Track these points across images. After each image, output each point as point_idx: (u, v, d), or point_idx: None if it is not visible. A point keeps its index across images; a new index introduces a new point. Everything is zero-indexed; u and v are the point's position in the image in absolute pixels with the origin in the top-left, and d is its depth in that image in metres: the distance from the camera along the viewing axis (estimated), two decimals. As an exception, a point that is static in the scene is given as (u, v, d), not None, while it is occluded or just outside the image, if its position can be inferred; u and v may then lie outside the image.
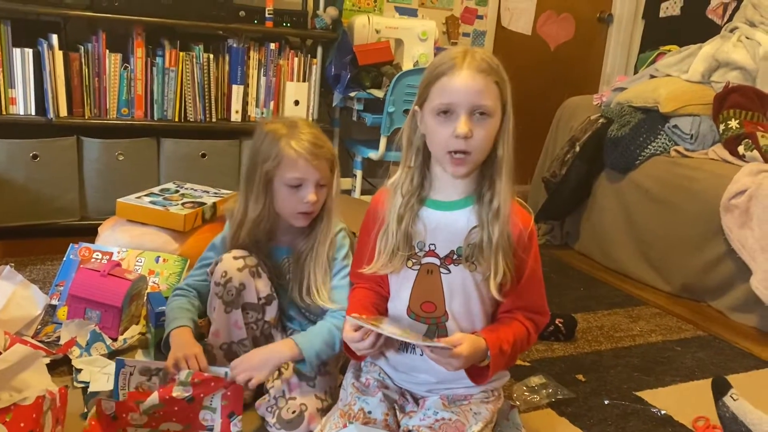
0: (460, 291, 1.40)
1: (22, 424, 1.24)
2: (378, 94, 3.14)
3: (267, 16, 3.00)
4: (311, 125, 1.63)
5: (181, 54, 2.85)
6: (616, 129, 3.08)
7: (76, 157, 2.77)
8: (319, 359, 1.54)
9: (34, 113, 2.68)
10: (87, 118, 2.77)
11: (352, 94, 3.17)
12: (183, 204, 2.30)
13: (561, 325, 2.27)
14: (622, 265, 3.05)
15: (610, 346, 2.28)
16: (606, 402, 1.89)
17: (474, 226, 1.37)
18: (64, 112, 2.71)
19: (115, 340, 1.87)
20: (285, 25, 3.08)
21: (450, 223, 1.39)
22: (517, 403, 1.78)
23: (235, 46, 2.98)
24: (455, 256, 1.39)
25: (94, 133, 2.79)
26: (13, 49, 2.60)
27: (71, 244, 2.18)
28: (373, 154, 3.19)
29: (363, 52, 3.17)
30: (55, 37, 2.64)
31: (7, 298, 1.87)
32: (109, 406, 1.43)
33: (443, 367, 1.32)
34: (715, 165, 2.80)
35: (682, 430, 1.78)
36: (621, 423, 1.79)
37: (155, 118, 2.89)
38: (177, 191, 2.44)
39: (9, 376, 1.30)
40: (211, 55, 2.92)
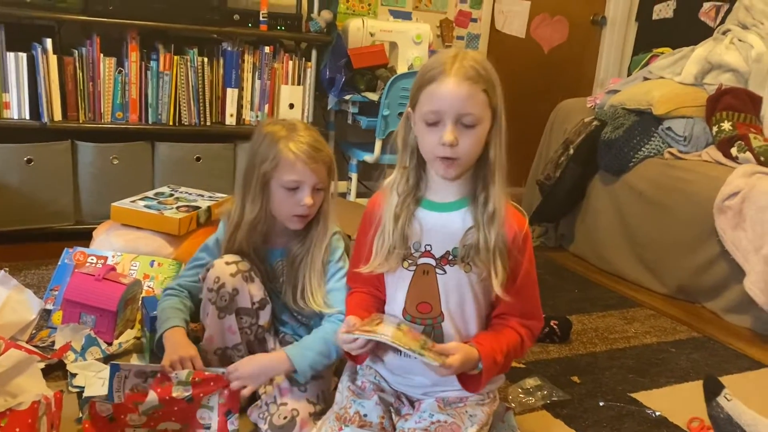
0: (455, 291, 1.40)
1: (17, 429, 1.24)
2: (373, 97, 3.15)
3: (261, 19, 3.01)
4: (310, 128, 1.63)
5: (175, 58, 2.85)
6: (610, 131, 3.09)
7: (71, 161, 2.76)
8: (313, 370, 1.54)
9: (28, 117, 2.68)
10: (81, 122, 2.77)
11: (347, 98, 3.18)
12: (178, 208, 2.29)
13: (556, 327, 2.27)
14: (616, 267, 3.06)
15: (605, 348, 2.28)
16: (601, 404, 1.89)
17: (470, 228, 1.37)
18: (58, 116, 2.71)
19: (110, 344, 1.86)
20: (279, 28, 3.09)
21: (446, 224, 1.40)
22: (513, 405, 1.78)
23: (229, 49, 2.98)
24: (451, 257, 1.39)
25: (88, 137, 2.79)
26: (7, 53, 2.60)
27: (66, 249, 2.17)
28: (368, 157, 3.19)
29: (357, 55, 3.18)
30: (49, 41, 2.64)
31: (1, 303, 1.86)
32: (105, 408, 1.43)
33: (433, 372, 1.33)
34: (709, 167, 2.81)
35: (677, 431, 1.78)
36: (616, 424, 1.79)
37: (150, 122, 2.89)
38: (172, 195, 2.44)
39: (4, 381, 1.30)
40: (206, 59, 2.92)
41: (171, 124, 2.92)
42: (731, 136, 2.83)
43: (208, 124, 3.00)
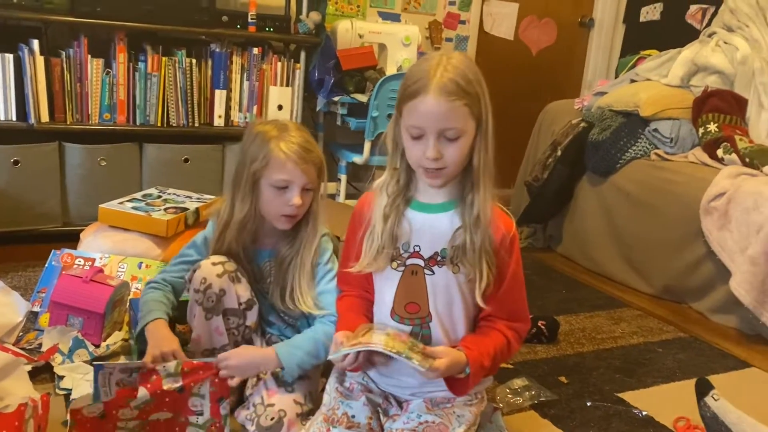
0: (443, 292, 1.41)
1: (3, 431, 1.24)
2: (362, 98, 3.15)
3: (250, 20, 3.00)
4: (301, 129, 1.63)
5: (163, 59, 2.85)
6: (597, 133, 3.11)
7: (58, 163, 2.75)
8: (301, 369, 1.55)
9: (15, 119, 2.66)
10: (69, 123, 2.76)
11: (336, 99, 3.18)
12: (166, 209, 2.29)
13: (543, 327, 2.28)
14: (604, 268, 3.08)
15: (593, 348, 2.30)
16: (588, 404, 1.90)
17: (458, 228, 1.38)
18: (45, 117, 2.69)
19: (97, 346, 1.85)
20: (268, 29, 3.08)
21: (434, 225, 1.40)
22: (500, 405, 1.79)
23: (217, 50, 2.98)
24: (439, 258, 1.40)
25: (76, 138, 2.77)
26: (-6, 54, 2.59)
27: (53, 250, 2.16)
28: (357, 159, 3.19)
29: (346, 56, 3.18)
30: (36, 43, 2.62)
31: (-12, 306, 1.85)
32: (95, 408, 1.43)
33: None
34: (695, 168, 2.83)
35: (664, 431, 1.80)
36: (603, 424, 1.80)
37: (137, 124, 2.88)
38: (159, 197, 2.43)
39: (-10, 384, 1.30)
40: (194, 60, 2.92)
41: (159, 125, 2.91)
42: (717, 137, 2.85)
43: (197, 125, 2.99)
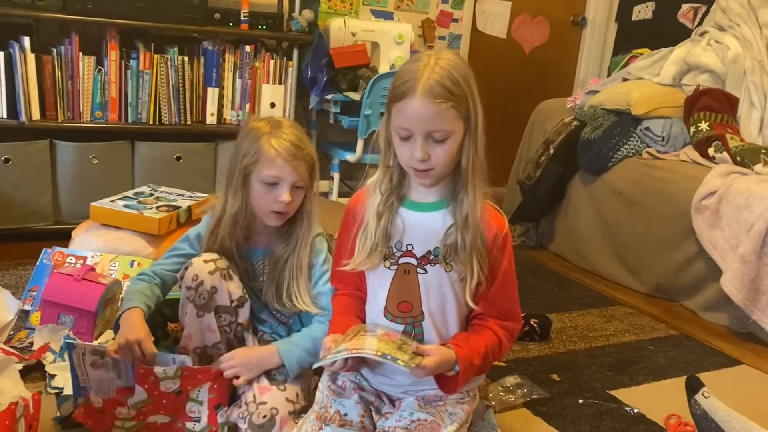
0: (436, 290, 1.41)
1: (-6, 430, 1.23)
2: (355, 96, 3.15)
3: (242, 18, 3.00)
4: (295, 127, 1.63)
5: (155, 56, 2.84)
6: (589, 131, 3.12)
7: (49, 161, 2.74)
8: (300, 367, 1.56)
9: (5, 116, 2.65)
10: (60, 121, 2.74)
11: (329, 97, 3.18)
12: (158, 207, 2.28)
13: (536, 325, 2.29)
14: (596, 266, 3.09)
15: (585, 346, 2.31)
16: (580, 401, 1.91)
17: (450, 226, 1.38)
18: (36, 115, 2.68)
19: (89, 345, 1.85)
20: (260, 27, 3.08)
21: (427, 224, 1.40)
22: (493, 403, 1.79)
23: (210, 48, 2.97)
24: (432, 257, 1.40)
25: (67, 136, 2.76)
26: (-16, 51, 2.58)
27: (44, 249, 2.15)
28: (350, 157, 3.19)
29: (339, 54, 3.18)
30: (27, 40, 2.61)
31: (-22, 304, 1.84)
32: (97, 399, 1.45)
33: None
34: (686, 167, 2.85)
35: (655, 428, 1.81)
36: (595, 422, 1.81)
37: (129, 121, 2.87)
38: (151, 195, 2.43)
39: (-19, 383, 1.29)
40: (186, 58, 2.91)
41: (151, 123, 2.90)
42: (708, 136, 2.86)
43: (189, 123, 2.98)
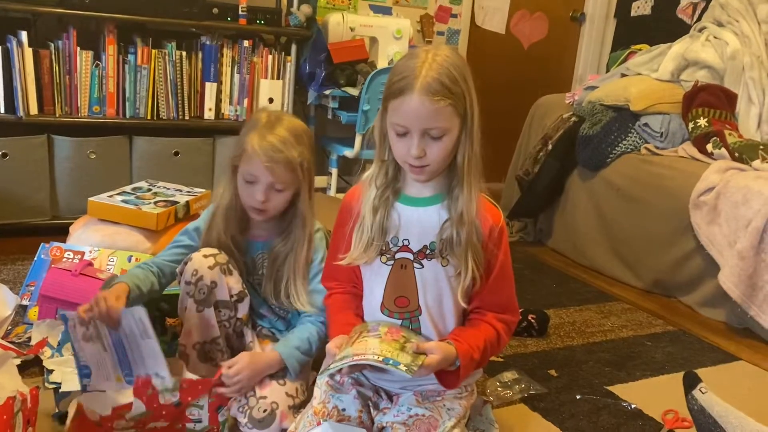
0: (433, 285, 1.41)
1: (-8, 425, 1.23)
2: (353, 92, 3.15)
3: (240, 13, 2.99)
4: (291, 126, 1.59)
5: (153, 51, 2.83)
6: (588, 127, 3.12)
7: (47, 156, 2.73)
8: (300, 367, 1.57)
9: (3, 111, 2.64)
10: (58, 116, 2.74)
11: (327, 92, 3.17)
12: (155, 203, 2.28)
13: (533, 320, 2.29)
14: (594, 262, 3.09)
15: (582, 342, 2.31)
16: (578, 397, 1.91)
17: (446, 220, 1.38)
18: (34, 110, 2.68)
19: (87, 340, 1.85)
20: (259, 22, 3.07)
21: (423, 219, 1.40)
22: (491, 398, 1.80)
23: (208, 43, 2.96)
24: (428, 251, 1.40)
25: (65, 131, 2.76)
26: (-19, 46, 2.57)
27: (42, 244, 2.15)
28: (348, 152, 3.19)
29: (337, 50, 3.18)
30: (24, 34, 2.60)
31: (-24, 299, 1.84)
32: (93, 413, 1.43)
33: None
34: (685, 162, 2.85)
35: (652, 423, 1.81)
36: (593, 417, 1.81)
37: (127, 116, 2.87)
38: (149, 190, 2.42)
39: (-22, 378, 1.29)
40: (184, 53, 2.90)
41: (149, 118, 2.90)
42: (707, 132, 2.86)
43: (187, 118, 2.98)
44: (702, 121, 2.91)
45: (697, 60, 3.14)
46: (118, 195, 2.31)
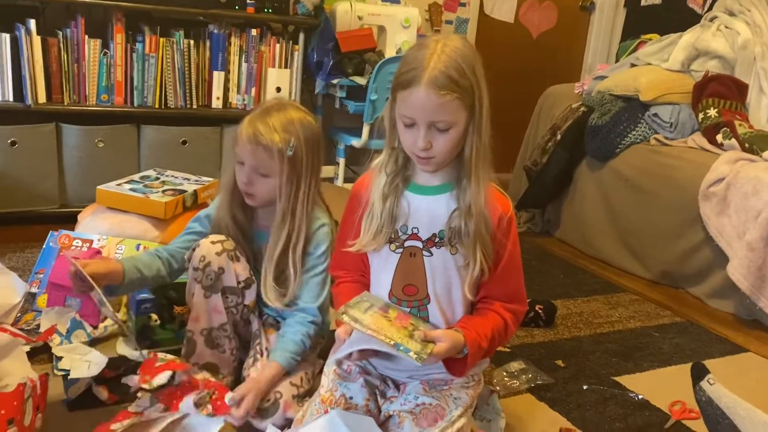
0: (441, 273, 1.41)
1: (2, 411, 1.24)
2: (361, 81, 3.14)
3: (248, 1, 2.98)
4: (284, 116, 1.57)
5: (161, 40, 2.83)
6: (597, 117, 3.10)
7: (56, 144, 2.74)
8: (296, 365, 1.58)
9: (12, 99, 2.65)
10: (66, 104, 2.75)
11: (335, 81, 3.17)
12: (164, 191, 2.28)
13: (541, 311, 2.29)
14: (602, 253, 3.08)
15: (589, 332, 2.31)
16: (585, 387, 1.91)
17: (455, 209, 1.38)
18: (42, 98, 2.68)
19: (95, 327, 1.86)
20: (266, 11, 3.06)
21: (432, 207, 1.40)
22: (497, 388, 1.80)
23: (216, 32, 2.96)
24: (437, 239, 1.40)
25: (73, 119, 2.76)
26: (-10, 34, 2.57)
27: (51, 232, 2.16)
28: (355, 142, 3.18)
29: (345, 38, 3.16)
30: (32, 22, 2.60)
31: (-15, 286, 1.85)
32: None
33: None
34: (694, 153, 2.83)
35: (659, 414, 1.81)
36: (599, 408, 1.81)
37: (135, 105, 2.87)
38: (157, 178, 2.42)
39: (-12, 364, 1.30)
40: (192, 41, 2.90)
41: (157, 107, 2.90)
42: (717, 122, 2.85)
43: (195, 107, 2.98)
44: (712, 112, 2.88)
45: (708, 50, 3.11)
46: (126, 183, 2.32)
